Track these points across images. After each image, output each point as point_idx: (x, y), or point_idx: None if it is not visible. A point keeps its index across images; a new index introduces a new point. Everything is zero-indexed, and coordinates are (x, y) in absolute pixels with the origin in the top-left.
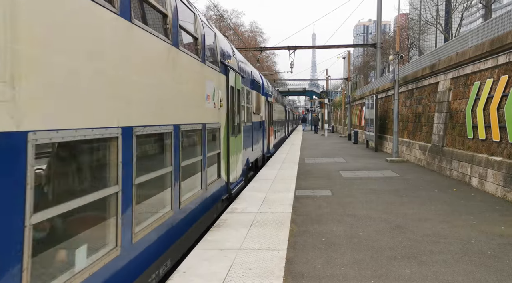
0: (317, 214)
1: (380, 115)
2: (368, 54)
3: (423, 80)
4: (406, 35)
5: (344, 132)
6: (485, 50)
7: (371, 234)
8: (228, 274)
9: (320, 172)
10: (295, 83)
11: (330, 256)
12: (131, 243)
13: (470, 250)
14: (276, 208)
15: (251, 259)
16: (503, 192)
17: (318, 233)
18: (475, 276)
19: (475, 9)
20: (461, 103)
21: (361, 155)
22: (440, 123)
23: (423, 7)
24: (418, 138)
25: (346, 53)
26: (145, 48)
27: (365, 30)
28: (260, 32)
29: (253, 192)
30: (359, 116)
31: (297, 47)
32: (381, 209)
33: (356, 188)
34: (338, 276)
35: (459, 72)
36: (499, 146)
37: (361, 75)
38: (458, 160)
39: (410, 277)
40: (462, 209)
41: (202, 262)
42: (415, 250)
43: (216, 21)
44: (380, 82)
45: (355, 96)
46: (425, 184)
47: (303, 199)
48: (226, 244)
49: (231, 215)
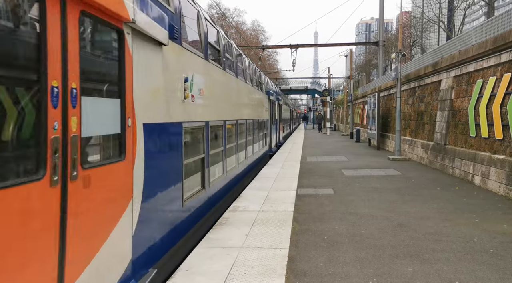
0: (319, 212)
1: (382, 113)
2: (370, 52)
3: (425, 78)
4: (409, 33)
5: (346, 131)
6: (488, 48)
7: (373, 232)
8: (230, 272)
9: (322, 170)
10: (297, 81)
11: (332, 254)
12: (208, 186)
13: (472, 248)
14: (278, 206)
15: (253, 257)
16: (505, 190)
17: (320, 231)
18: (477, 274)
19: (477, 7)
20: (463, 101)
21: (363, 153)
22: (442, 122)
23: (425, 5)
24: (421, 136)
25: (348, 52)
26: (240, 87)
27: (367, 28)
28: (262, 31)
29: (255, 191)
30: (361, 115)
31: (299, 46)
32: (383, 207)
33: (358, 186)
34: (340, 274)
35: (461, 70)
36: (501, 144)
37: (363, 73)
38: (460, 158)
39: (412, 275)
40: (464, 207)
41: (204, 260)
42: (418, 248)
43: (218, 20)
44: (382, 80)
45: (357, 94)
46: (428, 182)
47: (305, 197)
48: (229, 242)
49: (233, 213)
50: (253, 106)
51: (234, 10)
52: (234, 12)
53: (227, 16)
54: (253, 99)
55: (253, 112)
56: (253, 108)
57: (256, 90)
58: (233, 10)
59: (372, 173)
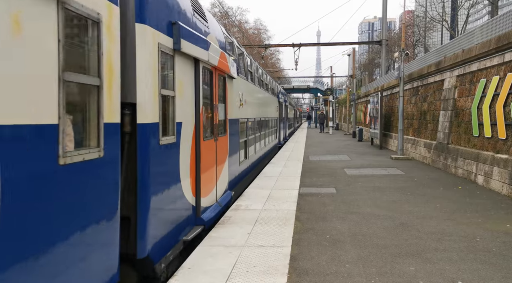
0: (321, 211)
1: (385, 112)
2: (373, 51)
3: (428, 77)
4: (412, 33)
5: (348, 130)
6: (491, 47)
7: (376, 231)
8: (232, 271)
9: (325, 169)
10: (299, 80)
11: (334, 253)
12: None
13: (475, 248)
14: (280, 205)
15: (255, 256)
16: (508, 189)
17: (322, 230)
18: (480, 273)
19: (481, 6)
20: (466, 100)
21: (365, 152)
22: (445, 121)
23: (429, 4)
24: (423, 136)
25: (351, 51)
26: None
27: (370, 27)
28: (264, 29)
29: (258, 189)
30: (363, 114)
31: (302, 45)
32: (385, 207)
33: (361, 186)
34: (342, 273)
35: (465, 69)
36: (505, 143)
37: (366, 72)
38: (463, 157)
39: (415, 274)
40: (467, 206)
41: (207, 258)
42: (420, 248)
43: (221, 19)
44: (385, 79)
45: (360, 93)
46: (430, 181)
47: (307, 196)
48: (231, 241)
49: (236, 212)
50: (269, 108)
51: (237, 8)
52: (237, 11)
53: (230, 15)
54: (269, 102)
55: (269, 112)
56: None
57: (271, 96)
58: (236, 8)
59: (374, 172)
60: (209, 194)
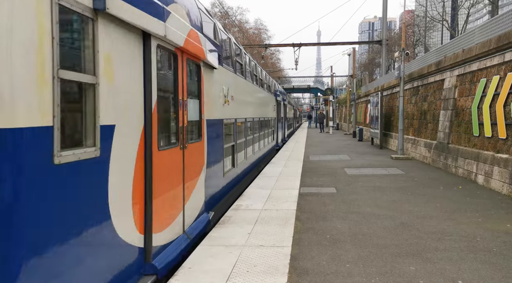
0: (321, 211)
1: (385, 112)
2: (374, 51)
3: (428, 77)
4: (412, 32)
5: (349, 130)
6: (491, 47)
7: (376, 231)
8: (233, 271)
9: (325, 169)
10: (300, 80)
11: (335, 253)
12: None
13: (475, 248)
14: (280, 205)
15: (256, 255)
16: (509, 189)
17: (322, 230)
18: (480, 273)
19: (481, 5)
20: (467, 100)
21: (366, 152)
22: (445, 121)
23: (429, 3)
24: (424, 135)
25: (351, 50)
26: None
27: (371, 27)
28: (264, 29)
29: (258, 189)
30: (364, 114)
31: (302, 44)
32: (386, 206)
33: (361, 185)
34: (343, 272)
35: (465, 69)
36: (505, 143)
37: (366, 72)
38: (463, 157)
39: (415, 274)
40: (467, 206)
41: (207, 258)
42: (420, 247)
43: (221, 18)
44: (385, 79)
45: (360, 93)
46: (430, 181)
47: (307, 196)
48: (231, 240)
49: (236, 212)
50: (265, 107)
51: (237, 8)
52: (237, 11)
53: (230, 15)
54: (265, 100)
55: (265, 111)
56: (265, 108)
57: (268, 94)
58: (236, 8)
59: (375, 172)
60: (169, 225)
